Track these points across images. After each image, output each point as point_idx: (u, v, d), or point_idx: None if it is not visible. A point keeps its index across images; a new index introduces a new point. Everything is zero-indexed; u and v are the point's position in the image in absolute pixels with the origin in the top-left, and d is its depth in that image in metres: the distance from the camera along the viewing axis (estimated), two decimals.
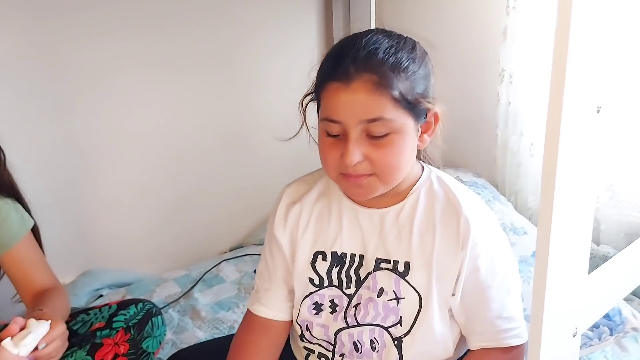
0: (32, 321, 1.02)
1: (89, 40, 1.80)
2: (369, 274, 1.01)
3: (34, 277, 1.32)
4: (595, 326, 1.32)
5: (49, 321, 1.04)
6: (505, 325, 0.98)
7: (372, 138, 0.90)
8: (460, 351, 1.05)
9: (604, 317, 1.36)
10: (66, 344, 1.09)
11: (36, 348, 1.00)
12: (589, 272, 0.87)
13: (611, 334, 1.34)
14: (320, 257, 1.04)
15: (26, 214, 1.32)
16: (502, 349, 0.99)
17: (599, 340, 1.30)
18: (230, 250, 2.23)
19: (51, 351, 1.03)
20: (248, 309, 1.14)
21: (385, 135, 0.89)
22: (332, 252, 1.03)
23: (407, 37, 0.95)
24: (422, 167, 1.04)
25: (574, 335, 0.84)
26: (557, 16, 0.62)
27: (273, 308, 1.11)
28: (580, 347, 1.28)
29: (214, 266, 2.00)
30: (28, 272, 1.32)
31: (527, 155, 2.00)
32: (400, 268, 0.98)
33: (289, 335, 1.16)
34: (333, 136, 0.92)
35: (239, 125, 2.18)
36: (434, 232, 0.97)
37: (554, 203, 0.69)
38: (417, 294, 0.97)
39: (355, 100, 0.87)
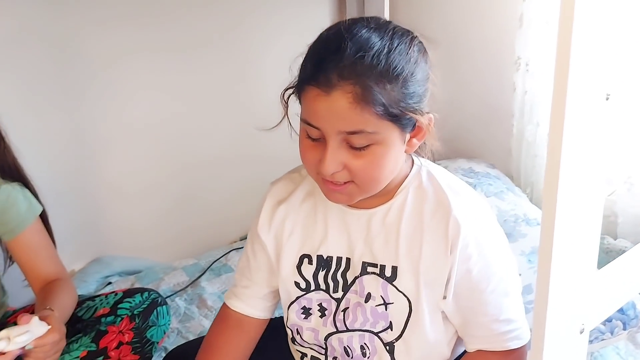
0: (35, 320, 1.02)
1: (96, 28, 1.80)
2: (355, 278, 0.97)
3: (41, 264, 1.32)
4: (608, 320, 1.28)
5: (49, 327, 1.04)
6: (504, 328, 0.94)
7: (353, 148, 0.84)
8: (457, 352, 1.02)
9: (617, 310, 1.32)
10: (58, 354, 1.09)
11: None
12: (604, 266, 0.83)
13: (624, 329, 1.30)
14: (306, 260, 1.00)
15: (34, 199, 1.32)
16: (501, 352, 0.95)
17: (612, 334, 1.26)
18: (240, 240, 2.22)
19: (40, 354, 1.03)
20: (224, 303, 1.11)
21: (367, 146, 0.83)
22: (317, 255, 0.99)
23: (403, 31, 0.86)
24: (413, 161, 0.98)
25: (581, 332, 0.81)
26: None
27: (250, 305, 1.08)
28: (592, 341, 1.25)
29: (223, 255, 2.00)
30: (35, 259, 1.32)
31: (544, 146, 1.95)
32: (388, 273, 0.94)
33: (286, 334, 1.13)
34: (313, 139, 0.86)
35: (249, 113, 2.15)
36: (422, 237, 0.92)
37: (558, 194, 0.66)
38: (406, 299, 0.93)
39: (335, 111, 0.80)
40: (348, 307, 0.98)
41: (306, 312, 1.01)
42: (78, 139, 1.87)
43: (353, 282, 0.97)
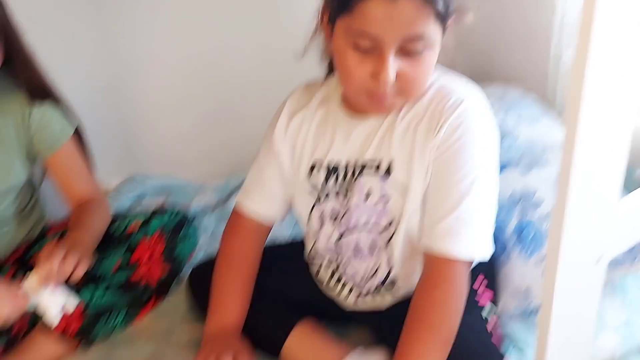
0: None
1: None
2: (356, 179, 1.01)
3: (76, 182, 1.36)
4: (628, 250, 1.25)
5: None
6: (454, 227, 0.91)
7: (406, 55, 0.87)
8: None
9: None
10: (83, 259, 1.17)
11: None
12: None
13: None
14: (316, 166, 1.05)
15: (67, 118, 1.34)
16: (430, 276, 0.94)
17: (631, 263, 1.24)
18: None
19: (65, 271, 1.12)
20: (234, 210, 1.17)
21: (420, 52, 0.87)
22: (327, 161, 1.04)
23: None
24: None
25: (597, 262, 0.80)
26: None
27: (265, 207, 1.14)
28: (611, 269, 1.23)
29: None
30: (70, 177, 1.36)
31: None
32: (384, 167, 0.98)
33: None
34: (361, 51, 0.87)
35: (282, 29, 2.09)
36: (417, 125, 0.95)
37: (580, 113, 0.63)
38: (401, 189, 0.97)
39: (400, 15, 0.83)
40: (349, 209, 1.03)
41: (321, 220, 1.07)
42: (110, 53, 1.88)
43: (355, 184, 1.01)
